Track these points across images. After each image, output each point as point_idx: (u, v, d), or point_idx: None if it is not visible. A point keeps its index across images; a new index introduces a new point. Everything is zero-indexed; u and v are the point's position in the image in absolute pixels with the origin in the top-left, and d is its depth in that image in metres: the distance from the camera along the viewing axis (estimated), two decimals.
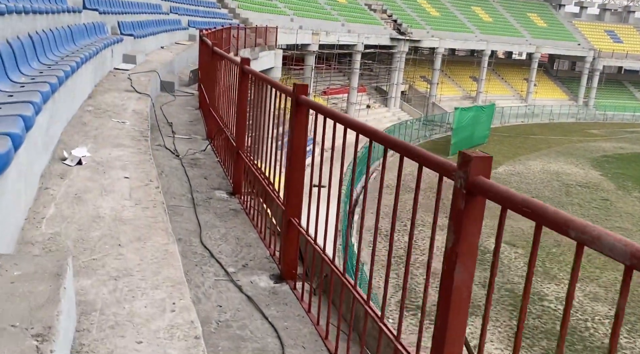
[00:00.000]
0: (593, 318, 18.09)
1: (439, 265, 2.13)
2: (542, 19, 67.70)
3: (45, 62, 4.86)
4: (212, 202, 4.67)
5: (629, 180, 36.10)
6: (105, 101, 6.19)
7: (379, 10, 53.11)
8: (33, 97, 3.06)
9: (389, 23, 50.47)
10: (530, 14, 67.67)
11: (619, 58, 64.54)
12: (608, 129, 56.65)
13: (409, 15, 54.88)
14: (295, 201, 3.25)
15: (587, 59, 63.28)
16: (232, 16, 31.18)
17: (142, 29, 13.17)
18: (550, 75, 68.32)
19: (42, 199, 2.97)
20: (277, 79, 29.49)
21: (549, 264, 22.70)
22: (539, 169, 37.82)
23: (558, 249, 24.00)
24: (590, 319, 17.94)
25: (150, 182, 3.46)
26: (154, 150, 5.42)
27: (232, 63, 5.08)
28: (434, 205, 2.23)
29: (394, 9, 54.67)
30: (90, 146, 4.25)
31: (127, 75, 8.68)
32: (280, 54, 27.94)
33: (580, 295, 19.62)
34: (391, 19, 51.65)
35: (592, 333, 17.22)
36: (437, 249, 3.23)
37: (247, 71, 4.63)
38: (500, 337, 16.78)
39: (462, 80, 60.14)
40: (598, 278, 21.34)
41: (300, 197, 3.27)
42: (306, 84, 3.48)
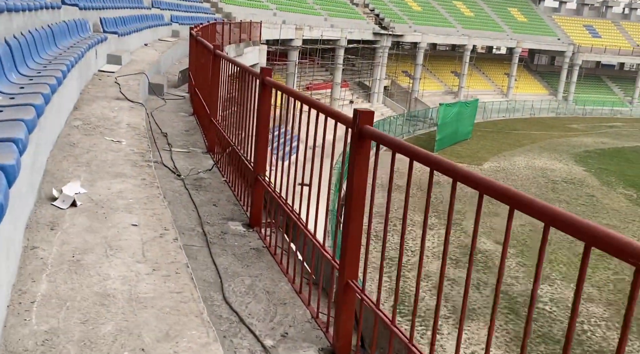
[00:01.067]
0: (589, 319, 17.82)
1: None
2: (523, 13, 67.81)
3: (25, 73, 4.10)
4: (228, 239, 3.99)
5: (612, 176, 36.20)
6: (94, 112, 5.44)
7: (361, 4, 52.46)
8: (16, 132, 2.35)
9: (371, 17, 49.88)
10: (510, 8, 67.72)
11: (597, 53, 64.99)
12: (588, 124, 57.04)
13: (391, 9, 54.34)
14: (353, 259, 2.59)
15: (567, 54, 63.61)
16: (215, 10, 30.22)
17: (125, 26, 12.32)
18: (530, 70, 68.56)
19: (29, 267, 2.25)
20: None
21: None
22: (523, 165, 37.73)
23: (549, 247, 23.77)
24: (587, 322, 17.67)
25: (166, 231, 2.77)
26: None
27: (247, 73, 4.38)
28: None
29: (376, 3, 54.07)
30: (83, 176, 3.52)
31: (114, 78, 7.89)
32: (264, 50, 27.13)
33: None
34: (373, 13, 51.07)
35: (590, 336, 16.94)
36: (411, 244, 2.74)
37: (269, 84, 3.95)
38: (498, 342, 16.38)
39: (443, 75, 59.92)
40: (590, 277, 21.12)
41: (358, 253, 2.61)
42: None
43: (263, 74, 3.97)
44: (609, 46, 65.38)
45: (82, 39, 7.85)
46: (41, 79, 3.80)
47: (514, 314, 18.06)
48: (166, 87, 10.25)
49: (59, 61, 4.90)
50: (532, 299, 1.66)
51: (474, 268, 21.22)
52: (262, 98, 4.04)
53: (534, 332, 17.07)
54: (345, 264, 2.59)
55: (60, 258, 2.37)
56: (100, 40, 8.41)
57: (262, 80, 3.99)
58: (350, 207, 2.52)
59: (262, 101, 4.04)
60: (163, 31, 17.14)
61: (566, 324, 17.33)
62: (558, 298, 19.07)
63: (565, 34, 66.45)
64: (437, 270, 20.43)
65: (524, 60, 65.38)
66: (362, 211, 2.54)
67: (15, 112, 2.75)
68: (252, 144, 4.18)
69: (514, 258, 22.48)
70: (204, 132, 6.88)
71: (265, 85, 4.00)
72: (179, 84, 11.24)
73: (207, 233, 4.04)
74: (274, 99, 4.03)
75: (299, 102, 3.36)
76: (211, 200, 4.78)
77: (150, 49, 13.51)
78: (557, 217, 1.63)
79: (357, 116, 2.41)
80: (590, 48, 64.44)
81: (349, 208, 2.54)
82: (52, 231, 2.65)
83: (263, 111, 4.04)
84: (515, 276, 20.78)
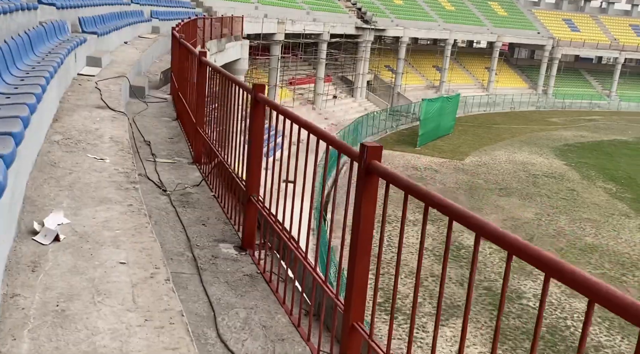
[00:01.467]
0: (572, 315, 18.00)
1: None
2: (503, 7, 68.15)
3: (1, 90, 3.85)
4: (220, 264, 3.82)
5: (592, 169, 36.64)
6: (74, 124, 5.19)
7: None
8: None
9: (353, 11, 49.65)
10: (491, 2, 68.01)
11: (576, 47, 65.67)
12: (567, 118, 57.67)
13: (373, 3, 54.13)
14: (360, 300, 2.44)
15: (546, 48, 64.16)
16: (195, 4, 29.72)
17: (104, 24, 11.96)
18: (511, 64, 69.02)
19: (9, 321, 2.03)
20: (244, 71, 28.38)
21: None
22: (504, 159, 37.98)
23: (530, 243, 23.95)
24: (570, 317, 17.84)
25: (156, 270, 2.58)
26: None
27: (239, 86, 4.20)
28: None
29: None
30: (66, 203, 3.32)
31: (95, 83, 7.62)
32: (247, 45, 26.79)
33: (558, 291, 19.51)
34: (356, 7, 50.82)
35: (573, 331, 17.10)
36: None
37: (262, 101, 3.77)
38: (483, 340, 16.45)
39: (425, 69, 60.03)
40: None
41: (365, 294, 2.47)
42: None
43: (256, 90, 3.79)
44: (587, 40, 66.09)
45: (61, 43, 7.55)
46: (18, 98, 3.56)
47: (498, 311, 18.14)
48: (147, 89, 9.98)
49: (37, 73, 4.65)
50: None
51: (458, 264, 21.29)
52: (254, 115, 3.86)
53: (518, 328, 17.19)
54: (351, 306, 2.44)
55: (44, 308, 2.18)
56: (79, 43, 8.11)
57: (255, 97, 3.82)
58: (356, 246, 2.38)
59: (254, 119, 3.87)
60: (143, 28, 16.76)
61: (550, 321, 17.49)
62: None
63: (545, 28, 66.99)
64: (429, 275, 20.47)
65: (504, 54, 65.80)
66: (369, 249, 2.40)
67: None
68: (244, 163, 4.01)
69: (497, 254, 22.61)
70: (190, 141, 6.67)
71: (258, 102, 3.82)
72: (161, 85, 10.96)
73: (197, 258, 3.86)
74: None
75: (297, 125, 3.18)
76: (200, 218, 4.60)
77: (131, 47, 13.17)
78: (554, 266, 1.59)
79: (365, 151, 2.25)
80: (569, 42, 65.08)
81: (355, 247, 2.39)
82: (33, 273, 2.45)
83: (256, 129, 3.87)
84: (498, 272, 20.90)
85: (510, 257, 1.90)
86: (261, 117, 3.84)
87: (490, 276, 20.70)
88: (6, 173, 2.31)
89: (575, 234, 24.89)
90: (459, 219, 1.84)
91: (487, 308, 18.41)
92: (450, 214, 1.87)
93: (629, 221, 27.03)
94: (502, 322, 17.69)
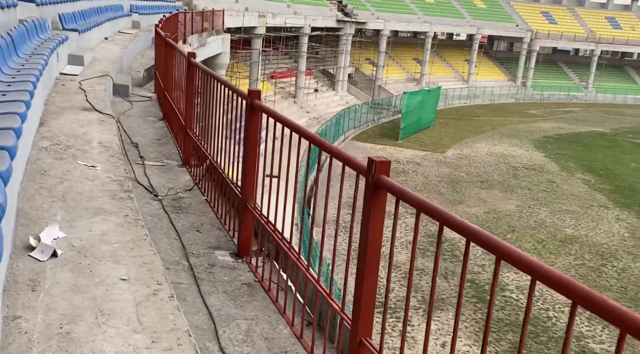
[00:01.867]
0: (554, 306, 18.27)
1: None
2: (482, 0, 68.52)
3: None
4: (217, 273, 3.77)
5: (571, 161, 37.17)
6: (62, 128, 5.08)
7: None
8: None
9: (334, 4, 49.47)
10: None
11: (554, 39, 66.43)
12: (546, 109, 58.38)
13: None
14: (368, 316, 2.43)
15: (525, 40, 64.77)
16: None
17: (84, 21, 11.72)
18: (490, 56, 69.55)
19: (13, 347, 1.93)
20: (225, 65, 28.11)
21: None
22: (485, 151, 38.32)
23: (513, 235, 24.29)
24: (552, 309, 18.12)
25: (159, 286, 2.53)
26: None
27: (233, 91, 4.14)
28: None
29: None
30: (60, 215, 3.24)
31: (78, 82, 7.46)
32: (228, 39, 26.57)
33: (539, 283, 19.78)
34: (336, 0, 50.64)
35: (555, 322, 17.38)
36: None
37: (258, 108, 3.72)
38: (467, 333, 16.64)
39: (406, 62, 60.18)
40: (554, 263, 21.66)
41: (373, 310, 2.45)
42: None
43: (251, 97, 3.74)
44: (564, 32, 66.87)
45: (43, 42, 7.37)
46: (8, 107, 3.44)
47: (482, 303, 18.35)
48: (131, 87, 9.83)
49: (23, 77, 4.52)
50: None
51: (441, 258, 21.46)
52: (250, 122, 3.82)
53: (502, 320, 17.42)
54: (359, 321, 2.43)
55: (47, 331, 2.12)
56: (61, 41, 7.93)
57: (251, 104, 3.77)
58: (364, 261, 2.36)
59: (249, 125, 3.82)
60: (123, 23, 16.48)
61: (532, 312, 17.74)
62: (524, 286, 19.46)
63: (523, 21, 67.56)
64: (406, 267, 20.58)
65: (483, 47, 66.25)
66: (377, 265, 2.39)
67: None
68: (240, 169, 3.96)
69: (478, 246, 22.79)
70: (178, 143, 6.58)
71: (254, 109, 3.77)
72: (144, 82, 10.80)
73: (193, 267, 3.82)
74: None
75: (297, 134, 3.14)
76: (194, 225, 4.54)
77: (112, 43, 12.94)
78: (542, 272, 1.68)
79: (374, 166, 2.23)
80: (547, 34, 65.77)
81: (363, 262, 2.37)
82: (33, 293, 2.39)
83: (251, 136, 3.82)
84: (481, 265, 21.13)
85: (497, 263, 1.89)
86: (257, 123, 3.79)
87: (473, 269, 20.91)
88: (5, 192, 2.24)
89: (555, 225, 25.25)
90: (478, 241, 1.83)
91: (470, 300, 18.60)
92: (467, 235, 1.86)
93: (607, 212, 27.51)
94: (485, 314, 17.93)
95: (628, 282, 20.41)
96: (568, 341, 1.55)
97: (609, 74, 69.52)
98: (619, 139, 46.23)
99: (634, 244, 23.85)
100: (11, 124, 3.05)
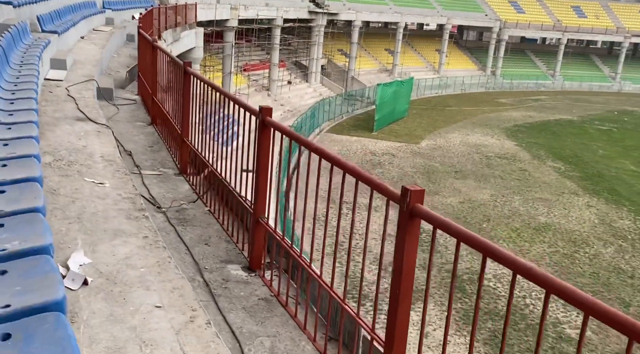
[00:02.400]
0: (530, 294, 18.76)
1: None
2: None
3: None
4: (232, 288, 3.83)
5: (541, 149, 37.98)
6: (60, 141, 5.04)
7: None
8: (34, 226, 2.07)
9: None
10: None
11: (522, 28, 67.53)
12: (515, 98, 59.43)
13: None
14: (401, 342, 2.53)
15: (494, 30, 65.67)
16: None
17: (61, 20, 11.48)
18: (460, 46, 70.31)
19: None
20: (199, 60, 27.82)
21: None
22: (458, 141, 38.86)
23: (488, 224, 24.80)
24: (529, 296, 18.60)
25: (194, 313, 2.58)
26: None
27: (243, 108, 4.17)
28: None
29: None
30: (80, 238, 3.25)
31: (65, 89, 7.36)
32: (201, 33, 26.28)
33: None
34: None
35: (532, 309, 17.86)
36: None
37: (270, 125, 3.78)
38: None
39: (378, 53, 60.42)
40: (529, 251, 22.22)
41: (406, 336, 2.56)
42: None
43: (263, 113, 3.79)
44: (532, 21, 68.00)
45: (28, 49, 7.23)
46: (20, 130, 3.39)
47: (461, 292, 18.73)
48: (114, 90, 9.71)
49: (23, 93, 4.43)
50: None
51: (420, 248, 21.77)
52: (262, 139, 3.87)
53: (481, 309, 17.83)
54: (393, 345, 2.53)
55: None
56: (45, 46, 7.79)
57: (263, 121, 3.82)
58: (398, 289, 2.46)
59: (261, 142, 3.87)
60: (97, 20, 16.17)
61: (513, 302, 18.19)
62: (501, 274, 19.92)
63: (492, 10, 68.41)
64: None
65: (453, 37, 66.93)
66: (411, 292, 2.49)
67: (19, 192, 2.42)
68: (252, 185, 4.01)
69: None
70: (172, 150, 6.57)
71: (266, 126, 3.83)
72: (127, 84, 10.67)
73: (209, 283, 3.87)
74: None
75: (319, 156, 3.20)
76: (201, 237, 4.58)
77: (89, 43, 12.72)
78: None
79: (409, 194, 2.32)
80: (515, 23, 66.79)
81: (397, 288, 2.47)
82: (74, 325, 2.42)
83: (263, 153, 3.88)
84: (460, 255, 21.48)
85: (547, 297, 2.02)
86: (269, 140, 3.85)
87: (450, 259, 21.27)
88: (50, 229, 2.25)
89: (529, 213, 25.85)
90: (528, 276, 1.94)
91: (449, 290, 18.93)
92: (514, 268, 1.96)
93: (577, 199, 28.26)
94: (465, 304, 18.31)
95: (600, 267, 21.08)
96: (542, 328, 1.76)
97: (575, 62, 71.07)
98: (587, 126, 47.40)
99: (604, 230, 24.61)
100: (30, 151, 3.03)
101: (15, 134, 3.31)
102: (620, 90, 68.35)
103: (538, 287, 12.03)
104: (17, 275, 1.79)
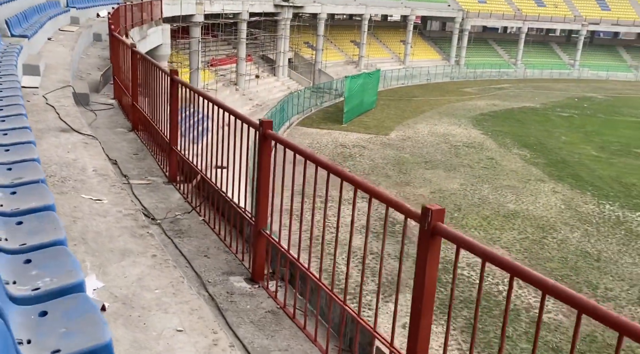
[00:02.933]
0: (503, 280, 19.23)
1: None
2: None
3: None
4: (239, 302, 3.87)
5: (507, 137, 38.78)
6: (49, 155, 4.96)
7: None
8: (51, 260, 2.06)
9: None
10: None
11: (484, 18, 68.60)
12: (479, 87, 60.43)
13: None
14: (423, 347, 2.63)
15: (457, 20, 66.53)
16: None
17: (28, 22, 11.18)
18: (424, 36, 71.01)
19: None
20: (166, 57, 27.41)
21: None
22: (426, 132, 39.35)
23: (459, 213, 25.27)
24: (502, 283, 19.07)
25: (216, 335, 2.62)
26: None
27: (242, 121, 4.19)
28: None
29: None
30: (88, 260, 3.24)
31: (43, 97, 7.21)
32: (168, 29, 25.90)
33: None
34: None
35: (505, 296, 18.30)
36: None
37: (270, 137, 3.82)
38: None
39: (344, 45, 60.54)
40: (499, 239, 22.75)
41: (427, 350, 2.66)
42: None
43: (264, 127, 3.83)
44: (493, 11, 69.13)
45: (3, 56, 7.03)
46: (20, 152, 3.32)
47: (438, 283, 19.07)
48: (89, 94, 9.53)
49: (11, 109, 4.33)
50: None
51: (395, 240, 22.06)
52: (262, 151, 3.91)
53: (456, 297, 18.21)
54: None
55: None
56: (18, 52, 7.60)
57: (263, 133, 3.85)
58: (420, 304, 2.55)
59: (262, 155, 3.91)
60: (62, 19, 15.78)
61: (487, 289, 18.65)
62: (474, 263, 20.35)
63: (454, 1, 69.21)
64: None
65: (417, 28, 67.53)
66: (432, 305, 2.58)
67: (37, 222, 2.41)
68: (253, 198, 4.04)
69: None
70: (157, 158, 6.52)
71: (267, 139, 3.86)
72: (101, 87, 10.48)
73: (214, 297, 3.90)
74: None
75: None
76: (199, 249, 4.60)
77: (57, 44, 12.43)
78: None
79: (430, 214, 2.41)
80: (477, 13, 67.77)
81: (419, 305, 2.56)
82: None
83: (264, 166, 3.92)
84: None
85: (578, 319, 2.13)
86: (269, 153, 3.89)
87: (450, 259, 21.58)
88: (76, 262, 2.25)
89: (498, 201, 26.42)
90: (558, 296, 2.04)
91: None
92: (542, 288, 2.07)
93: (544, 185, 29.01)
94: (441, 292, 18.66)
95: (567, 252, 21.74)
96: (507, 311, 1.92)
97: (536, 50, 72.63)
98: (549, 113, 48.58)
99: (570, 215, 25.36)
100: (36, 175, 2.99)
101: (17, 157, 3.25)
102: (579, 77, 70.22)
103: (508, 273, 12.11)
104: (60, 316, 1.81)
